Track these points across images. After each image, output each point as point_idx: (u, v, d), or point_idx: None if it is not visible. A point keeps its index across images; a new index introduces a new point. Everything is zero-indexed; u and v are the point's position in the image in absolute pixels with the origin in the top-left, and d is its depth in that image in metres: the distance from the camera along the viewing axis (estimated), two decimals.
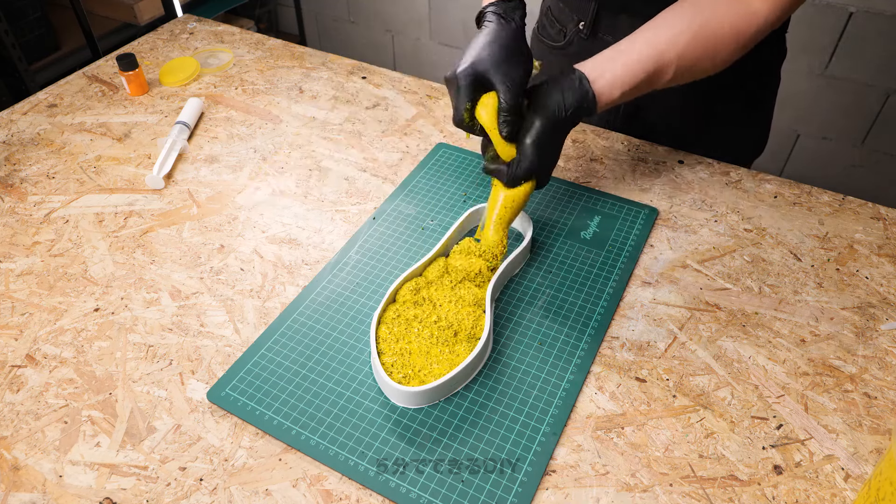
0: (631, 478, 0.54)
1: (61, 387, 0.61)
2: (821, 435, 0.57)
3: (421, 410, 0.59)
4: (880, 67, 1.76)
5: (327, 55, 1.09)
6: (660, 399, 0.60)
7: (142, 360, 0.63)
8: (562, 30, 0.96)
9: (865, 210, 0.79)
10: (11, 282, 0.71)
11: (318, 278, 0.71)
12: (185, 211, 0.80)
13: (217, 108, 0.98)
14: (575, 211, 0.79)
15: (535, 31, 1.04)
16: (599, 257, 0.73)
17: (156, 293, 0.70)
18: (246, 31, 1.16)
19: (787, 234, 0.76)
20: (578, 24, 0.92)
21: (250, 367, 0.62)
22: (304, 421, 0.58)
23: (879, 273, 0.72)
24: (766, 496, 0.53)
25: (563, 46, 0.96)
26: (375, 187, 0.83)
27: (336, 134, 0.93)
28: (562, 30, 0.96)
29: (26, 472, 0.55)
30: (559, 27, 0.97)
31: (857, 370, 0.62)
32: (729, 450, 0.56)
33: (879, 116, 1.85)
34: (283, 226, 0.78)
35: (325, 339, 0.65)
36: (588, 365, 0.62)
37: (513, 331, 0.66)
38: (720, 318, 0.67)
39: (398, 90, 1.01)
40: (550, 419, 0.58)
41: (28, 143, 0.90)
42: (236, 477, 0.54)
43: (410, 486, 0.53)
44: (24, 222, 0.78)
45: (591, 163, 0.87)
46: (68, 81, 1.03)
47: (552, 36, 0.98)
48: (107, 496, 0.53)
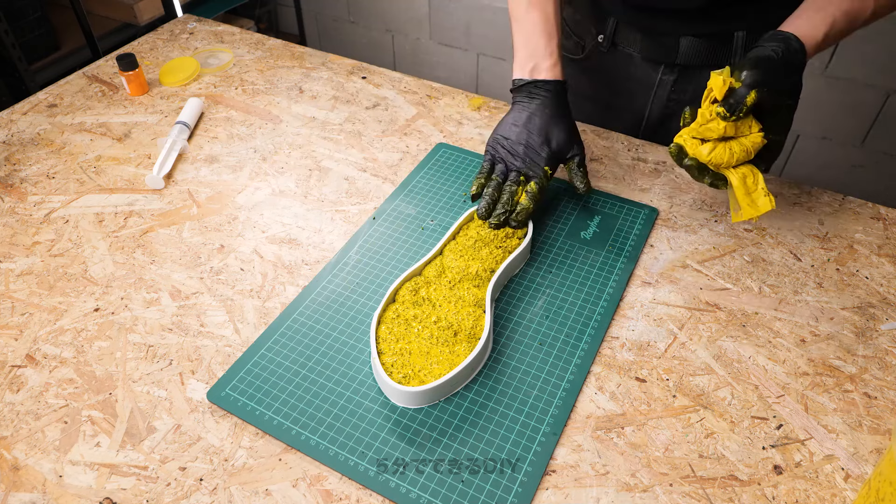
0: (631, 478, 0.54)
1: (61, 387, 0.61)
2: (821, 435, 0.57)
3: (421, 410, 0.59)
4: (880, 67, 1.76)
5: (327, 55, 1.09)
6: (660, 399, 0.60)
7: (142, 360, 0.63)
8: (579, 42, 0.95)
9: (865, 210, 0.79)
10: (11, 282, 0.71)
11: (318, 278, 0.71)
12: (185, 211, 0.80)
13: (217, 108, 0.98)
14: (575, 211, 0.79)
15: None
16: (599, 257, 0.73)
17: (156, 293, 0.70)
18: (246, 31, 1.16)
19: (787, 234, 0.76)
20: (597, 36, 0.91)
21: (250, 367, 0.62)
22: (304, 421, 0.58)
23: (879, 273, 0.72)
24: (766, 496, 0.53)
25: (582, 59, 0.95)
26: (375, 187, 0.83)
27: (336, 134, 0.93)
28: (579, 42, 0.95)
29: (26, 472, 0.55)
30: (576, 39, 0.95)
31: (857, 370, 0.62)
32: (729, 450, 0.56)
33: (879, 116, 1.85)
34: (283, 226, 0.78)
35: (325, 339, 0.65)
36: (588, 365, 0.62)
37: (513, 331, 0.66)
38: (720, 318, 0.67)
39: (398, 90, 1.01)
40: (550, 419, 0.58)
41: (28, 143, 0.90)
42: (236, 477, 0.54)
43: (410, 486, 0.53)
44: (24, 222, 0.78)
45: (591, 163, 0.87)
46: (68, 81, 1.03)
47: (569, 48, 0.97)
48: (107, 496, 0.53)
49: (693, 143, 0.67)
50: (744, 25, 0.82)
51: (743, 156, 0.66)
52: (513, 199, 0.71)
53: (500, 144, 0.75)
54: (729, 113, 0.63)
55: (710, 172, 0.68)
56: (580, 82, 0.97)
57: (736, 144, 0.66)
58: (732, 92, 0.63)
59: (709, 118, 0.66)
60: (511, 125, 0.75)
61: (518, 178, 0.73)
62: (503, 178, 0.74)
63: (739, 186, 0.67)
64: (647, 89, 0.91)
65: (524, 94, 0.76)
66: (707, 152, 0.66)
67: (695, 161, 0.67)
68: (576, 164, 0.75)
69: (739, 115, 0.63)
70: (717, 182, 0.69)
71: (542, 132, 0.74)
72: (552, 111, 0.75)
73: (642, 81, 0.91)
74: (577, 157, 0.75)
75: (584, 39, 0.94)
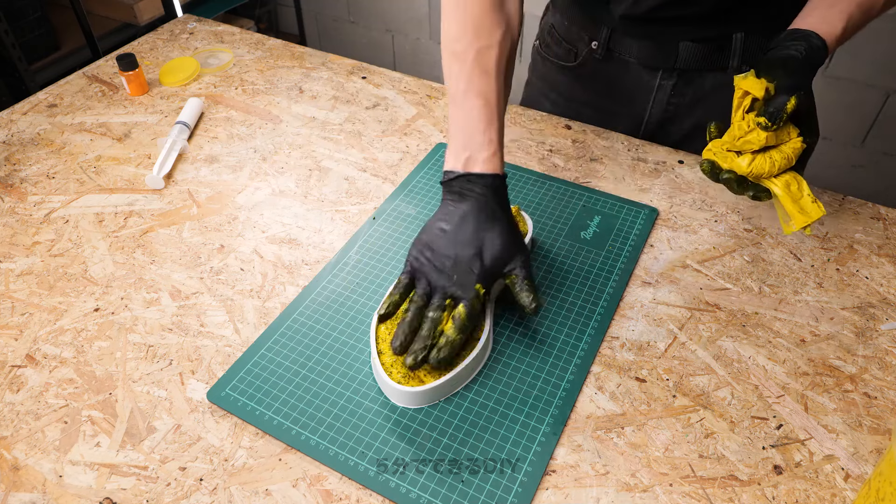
0: (631, 478, 0.54)
1: (61, 387, 0.61)
2: (821, 435, 0.57)
3: (421, 410, 0.59)
4: (880, 67, 1.76)
5: (327, 55, 1.09)
6: (660, 399, 0.60)
7: (142, 360, 0.63)
8: (571, 50, 0.92)
9: (865, 210, 0.79)
10: (11, 282, 0.71)
11: (318, 278, 0.71)
12: (185, 211, 0.80)
13: (217, 108, 0.98)
14: (575, 211, 0.79)
15: (536, 48, 1.00)
16: (599, 257, 0.73)
17: (156, 293, 0.70)
18: (246, 31, 1.16)
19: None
20: (591, 43, 0.88)
21: (250, 367, 0.62)
22: (304, 421, 0.58)
23: (879, 273, 0.72)
24: (766, 496, 0.53)
25: (576, 67, 0.92)
26: (375, 187, 0.83)
27: (336, 134, 0.93)
28: (571, 50, 0.92)
29: (26, 472, 0.55)
30: (568, 47, 0.92)
31: (857, 370, 0.62)
32: (729, 450, 0.56)
33: (879, 116, 1.85)
34: (283, 226, 0.78)
35: (325, 339, 0.65)
36: (588, 365, 0.62)
37: (513, 331, 0.66)
38: (720, 318, 0.67)
39: (398, 90, 1.01)
40: (550, 419, 0.58)
41: (28, 143, 0.90)
42: (236, 477, 0.54)
43: (410, 486, 0.53)
44: (24, 222, 0.78)
45: (591, 163, 0.87)
46: (68, 81, 1.03)
47: (561, 55, 0.94)
48: (107, 496, 0.53)
49: (728, 157, 0.64)
50: (743, 27, 0.81)
51: (784, 164, 0.62)
52: (435, 329, 0.59)
53: (425, 256, 0.63)
54: (771, 122, 0.59)
55: (750, 185, 0.64)
56: (575, 89, 0.95)
57: (776, 153, 0.62)
58: (769, 100, 0.60)
59: (747, 130, 0.62)
60: (438, 231, 0.63)
61: (443, 302, 0.61)
62: (425, 301, 0.61)
63: (785, 195, 0.63)
64: (645, 94, 0.90)
65: (455, 192, 0.64)
66: (746, 164, 0.62)
67: (733, 174, 0.63)
68: (519, 279, 0.62)
69: (780, 124, 0.60)
70: (760, 194, 0.64)
71: (473, 242, 0.62)
72: (487, 213, 0.63)
73: (640, 86, 0.89)
74: (519, 270, 0.63)
75: (576, 47, 0.91)
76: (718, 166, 0.64)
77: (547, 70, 0.98)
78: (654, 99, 0.90)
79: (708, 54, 0.83)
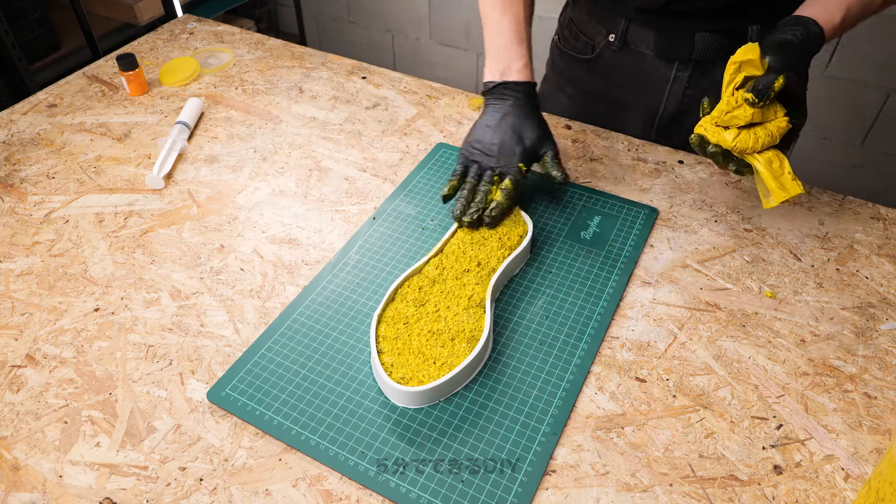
0: (631, 478, 0.54)
1: (61, 387, 0.61)
2: (821, 435, 0.57)
3: (421, 410, 0.59)
4: (880, 67, 1.76)
5: (327, 55, 1.09)
6: (660, 399, 0.60)
7: (142, 360, 0.63)
8: (589, 42, 0.94)
9: (865, 210, 0.79)
10: (11, 282, 0.71)
11: (318, 278, 0.71)
12: (185, 211, 0.80)
13: (217, 108, 0.98)
14: (575, 211, 0.79)
15: (554, 43, 1.02)
16: (599, 257, 0.73)
17: (156, 293, 0.70)
18: (246, 31, 1.16)
19: (787, 234, 0.76)
20: (608, 36, 0.90)
21: (250, 367, 0.62)
22: (304, 421, 0.58)
23: (879, 273, 0.72)
24: (766, 496, 0.53)
25: (593, 59, 0.94)
26: (375, 187, 0.83)
27: (336, 134, 0.93)
28: (589, 42, 0.94)
29: (26, 472, 0.55)
30: (586, 40, 0.94)
31: (857, 370, 0.62)
32: (729, 450, 0.56)
33: (879, 116, 1.85)
34: (283, 226, 0.78)
35: (325, 339, 0.65)
36: (588, 365, 0.62)
37: (513, 331, 0.66)
38: (720, 318, 0.67)
39: (398, 90, 1.01)
40: (550, 419, 0.58)
41: (28, 143, 0.90)
42: (236, 477, 0.54)
43: (410, 486, 0.53)
44: (24, 222, 0.78)
45: (591, 163, 0.87)
46: (68, 81, 1.03)
47: (578, 48, 0.96)
48: (107, 496, 0.53)
49: (716, 131, 0.67)
50: (759, 19, 0.82)
51: (768, 140, 0.65)
52: (486, 198, 0.73)
53: (475, 148, 0.76)
54: (757, 99, 0.63)
55: (734, 159, 0.68)
56: (591, 82, 0.96)
57: (761, 130, 0.65)
58: (759, 77, 0.63)
59: (735, 105, 0.65)
60: (484, 127, 0.77)
61: (492, 178, 0.74)
62: (477, 180, 0.75)
63: (766, 171, 0.66)
64: (661, 86, 0.91)
65: (496, 96, 0.77)
66: (731, 138, 0.65)
67: (719, 148, 0.67)
68: (550, 158, 0.76)
69: (766, 101, 0.63)
70: (742, 168, 0.68)
71: (514, 131, 0.75)
72: (523, 111, 0.76)
73: (656, 78, 0.90)
74: (550, 151, 0.76)
75: (593, 39, 0.93)
76: (707, 140, 0.68)
77: (564, 64, 0.99)
78: (669, 91, 0.90)
79: (724, 45, 0.84)
